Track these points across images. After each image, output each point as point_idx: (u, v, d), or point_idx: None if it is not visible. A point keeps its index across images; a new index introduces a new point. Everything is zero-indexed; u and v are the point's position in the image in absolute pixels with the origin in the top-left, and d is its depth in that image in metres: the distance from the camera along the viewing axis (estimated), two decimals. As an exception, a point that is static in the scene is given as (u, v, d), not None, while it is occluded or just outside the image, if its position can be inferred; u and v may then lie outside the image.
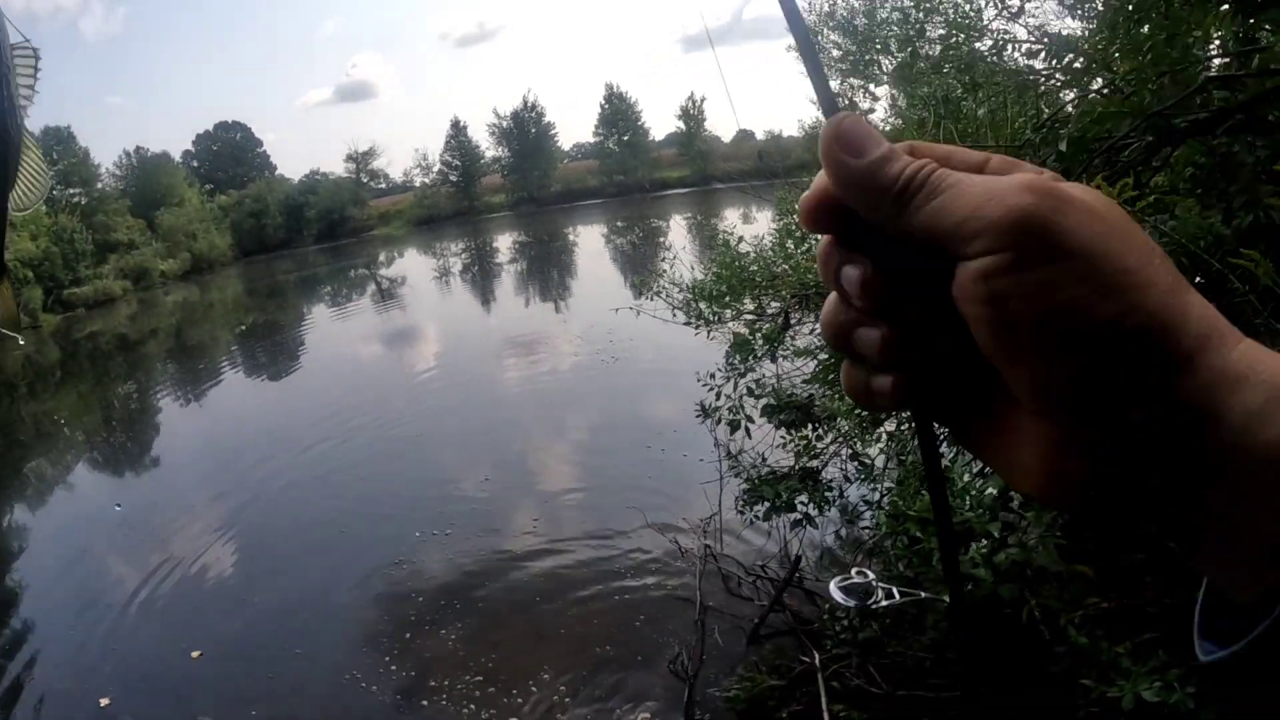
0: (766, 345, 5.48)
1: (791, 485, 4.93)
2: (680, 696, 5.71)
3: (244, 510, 10.31)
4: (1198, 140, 3.43)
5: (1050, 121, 4.15)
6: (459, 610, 7.19)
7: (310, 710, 6.15)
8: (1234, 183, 3.22)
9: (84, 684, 6.71)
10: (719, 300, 6.07)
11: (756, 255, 6.68)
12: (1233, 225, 3.00)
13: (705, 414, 5.34)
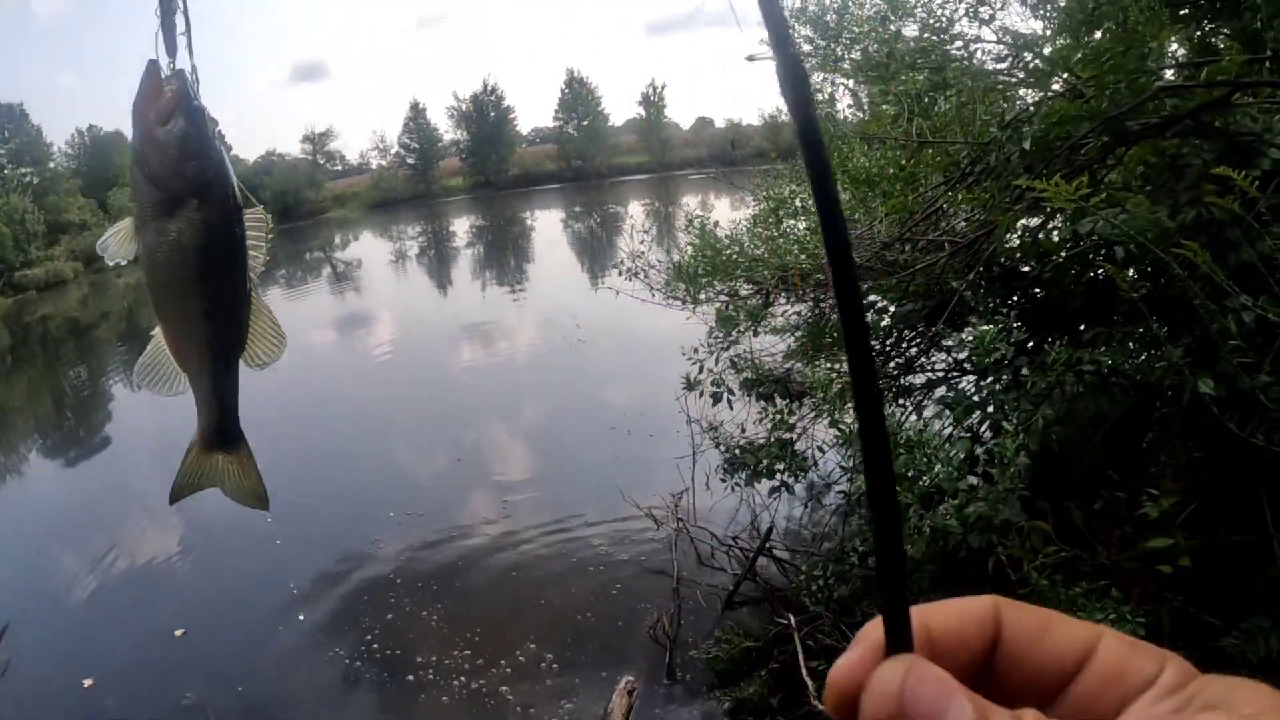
0: (750, 321, 5.66)
1: (770, 453, 5.14)
2: (661, 660, 5.93)
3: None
4: (1149, 142, 3.67)
5: (1015, 121, 4.38)
6: (438, 589, 7.31)
7: (296, 686, 6.23)
8: (1181, 182, 3.45)
9: (66, 667, 6.70)
10: (697, 280, 6.23)
11: (733, 239, 6.84)
12: (1177, 219, 3.23)
13: (690, 386, 5.51)
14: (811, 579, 5.24)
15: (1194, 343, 3.24)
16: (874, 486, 0.43)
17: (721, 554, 6.87)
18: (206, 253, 1.01)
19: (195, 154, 0.99)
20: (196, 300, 1.05)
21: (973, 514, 3.78)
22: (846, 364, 0.43)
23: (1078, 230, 3.62)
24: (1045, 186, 3.36)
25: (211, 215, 1.01)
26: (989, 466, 4.04)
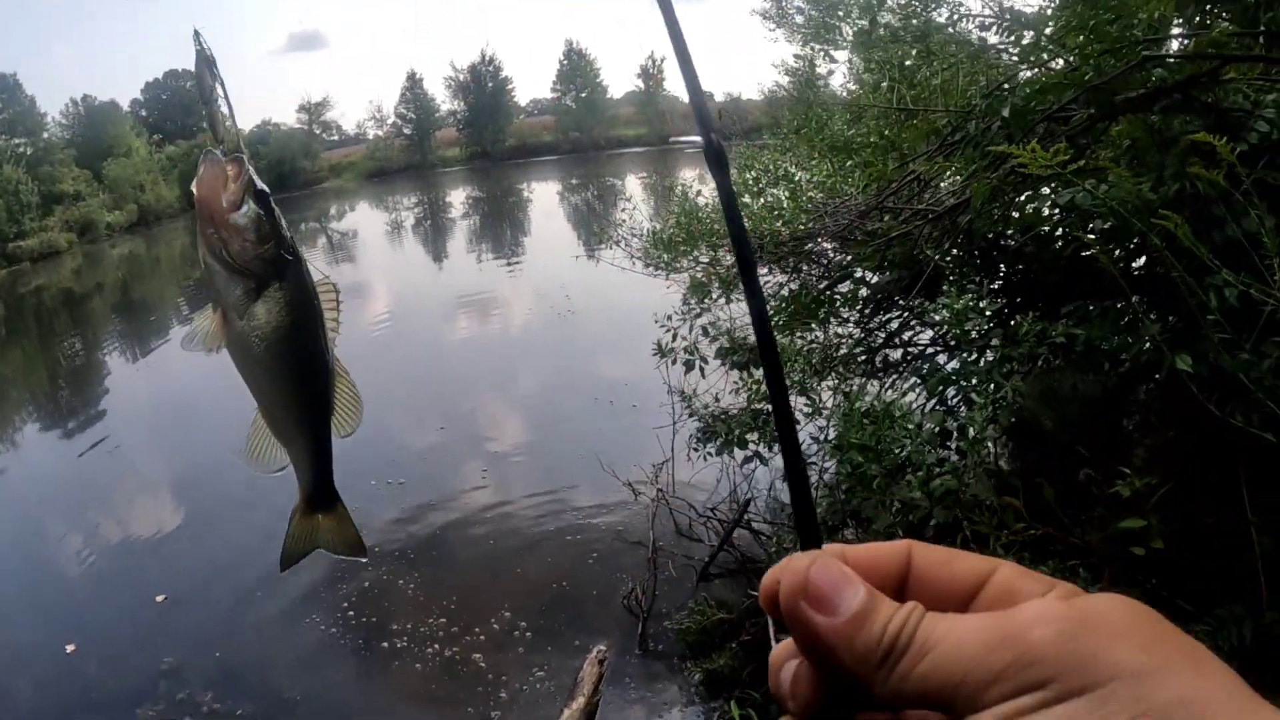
0: (723, 288, 5.63)
1: (743, 422, 5.11)
2: (634, 630, 5.96)
3: (198, 457, 10.29)
4: (1137, 118, 3.59)
5: (998, 90, 4.31)
6: (415, 558, 7.35)
7: (273, 652, 6.28)
8: (1166, 155, 3.38)
9: (49, 633, 6.74)
10: (675, 247, 6.20)
11: (714, 208, 6.80)
12: (1160, 192, 3.16)
13: (661, 353, 5.47)
14: (781, 550, 5.24)
15: (1174, 320, 3.19)
16: (779, 419, 0.55)
17: (700, 525, 6.88)
18: (293, 331, 1.04)
19: (271, 236, 1.01)
20: (290, 378, 1.08)
21: (939, 487, 3.75)
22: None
23: (1057, 202, 3.57)
24: (1020, 153, 3.30)
25: (293, 293, 1.03)
26: (960, 440, 4.02)
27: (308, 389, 1.10)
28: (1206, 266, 2.82)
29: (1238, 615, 2.82)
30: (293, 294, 1.03)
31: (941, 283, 4.55)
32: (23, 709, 5.92)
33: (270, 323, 1.03)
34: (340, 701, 5.72)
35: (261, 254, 1.01)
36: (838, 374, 5.16)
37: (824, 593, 0.45)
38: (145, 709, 5.74)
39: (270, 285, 1.02)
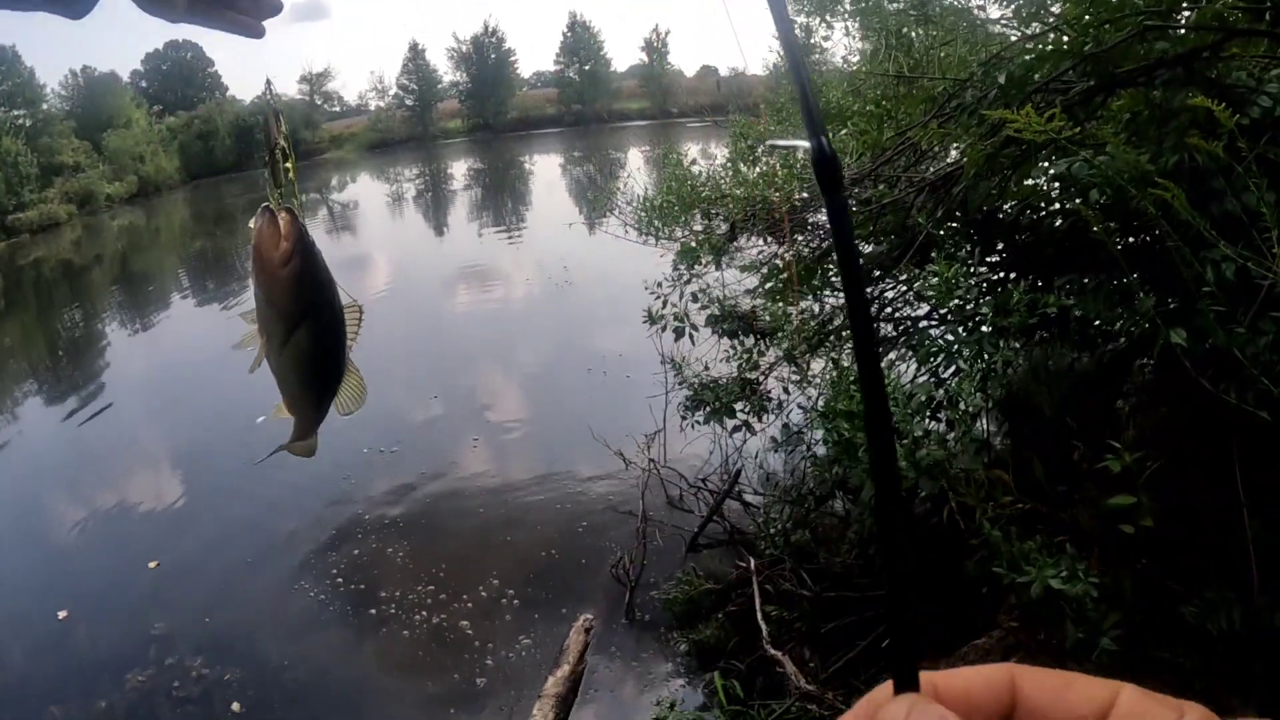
0: (713, 254, 5.55)
1: (731, 390, 5.06)
2: (621, 600, 5.97)
3: (192, 428, 10.30)
4: (1138, 91, 3.51)
5: (995, 59, 4.22)
6: (406, 523, 7.37)
7: (262, 617, 6.30)
8: (1165, 127, 3.30)
9: (41, 600, 6.76)
10: (669, 213, 6.12)
11: (709, 176, 6.73)
12: (1158, 163, 3.10)
13: (651, 320, 5.41)
14: (770, 521, 5.22)
15: (1169, 295, 3.12)
16: (884, 533, 0.49)
17: (690, 496, 6.88)
18: (319, 354, 1.24)
19: (311, 284, 1.17)
20: (311, 383, 1.29)
21: (925, 457, 3.71)
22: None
23: (1053, 171, 3.50)
24: (1015, 118, 3.23)
25: (322, 326, 1.22)
26: (949, 410, 3.98)
27: (322, 389, 1.30)
28: (1203, 241, 2.76)
29: (1227, 599, 2.77)
30: (322, 327, 1.22)
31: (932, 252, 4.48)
32: (13, 674, 5.94)
33: (301, 349, 1.22)
34: (327, 667, 5.73)
35: (300, 298, 1.18)
36: (829, 344, 5.10)
37: None
38: (135, 674, 5.77)
39: (308, 319, 1.20)
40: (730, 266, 5.94)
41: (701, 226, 6.34)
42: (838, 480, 4.40)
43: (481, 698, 5.37)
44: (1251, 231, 2.73)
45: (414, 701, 5.40)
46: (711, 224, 6.32)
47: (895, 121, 5.49)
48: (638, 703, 5.20)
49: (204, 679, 5.68)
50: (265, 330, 1.22)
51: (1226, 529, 2.93)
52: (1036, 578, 2.89)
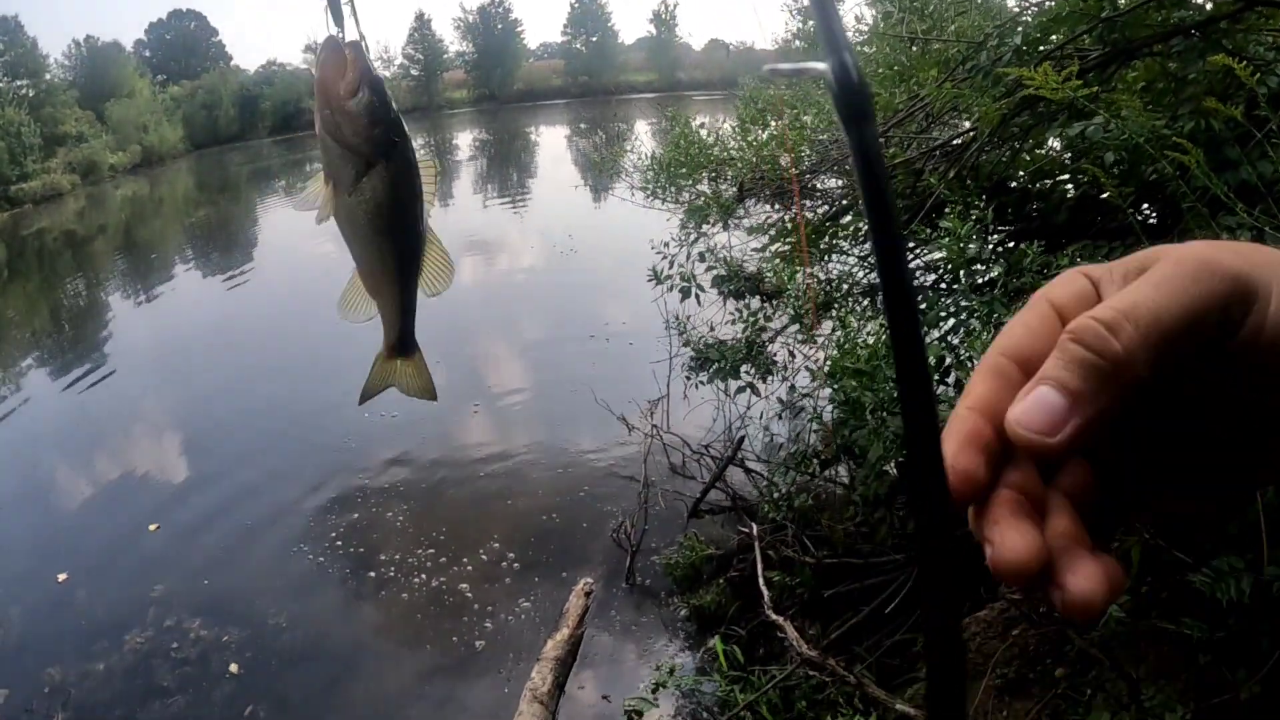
0: (721, 213, 5.45)
1: (737, 351, 4.98)
2: (622, 564, 5.93)
3: (198, 394, 10.26)
4: (1154, 59, 3.42)
5: (1011, 21, 4.11)
6: (406, 488, 7.34)
7: (260, 580, 6.26)
8: (1182, 93, 3.22)
9: (41, 563, 6.75)
10: (676, 174, 6.03)
11: (717, 138, 6.64)
12: (1174, 128, 3.01)
13: (657, 279, 5.33)
14: (772, 486, 5.15)
15: None
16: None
17: (693, 463, 6.83)
18: (394, 205, 1.16)
19: (381, 121, 1.10)
20: (387, 245, 1.22)
21: (934, 418, 3.62)
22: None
23: (1068, 136, 3.42)
24: (1033, 75, 3.14)
25: (396, 172, 1.14)
26: (959, 372, 3.90)
27: (401, 255, 1.23)
28: (1217, 208, 2.70)
29: (1237, 569, 2.69)
30: (396, 173, 1.14)
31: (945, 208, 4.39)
32: (12, 637, 5.93)
33: (374, 198, 1.15)
34: (326, 629, 5.71)
35: (371, 137, 1.10)
36: (837, 305, 5.01)
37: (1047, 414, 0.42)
38: (134, 635, 5.75)
39: (377, 164, 1.12)
40: (738, 229, 5.85)
41: (709, 189, 6.26)
42: (843, 445, 4.31)
43: (480, 660, 5.35)
44: (1268, 200, 2.66)
45: (412, 663, 5.38)
46: (719, 187, 6.24)
47: (908, 85, 5.41)
48: (637, 667, 5.18)
49: (202, 640, 5.66)
50: (332, 175, 1.16)
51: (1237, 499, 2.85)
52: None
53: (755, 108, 7.07)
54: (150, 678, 5.37)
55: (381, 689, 5.17)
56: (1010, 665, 3.75)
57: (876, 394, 3.81)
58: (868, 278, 5.57)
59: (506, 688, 5.02)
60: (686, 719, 4.65)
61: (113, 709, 5.12)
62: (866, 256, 5.61)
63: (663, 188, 6.14)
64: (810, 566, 4.90)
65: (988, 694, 3.70)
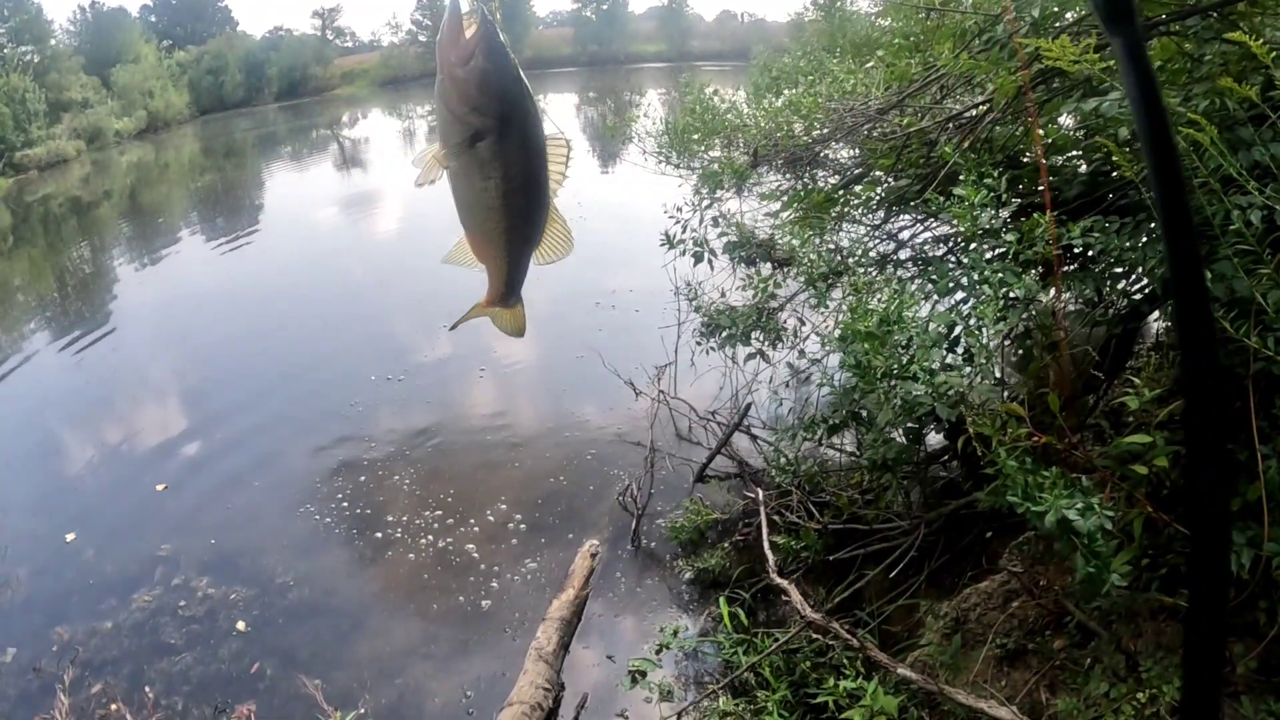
0: (735, 179, 5.41)
1: (748, 317, 4.97)
2: (628, 527, 5.96)
3: (204, 359, 10.28)
4: (1170, 39, 3.36)
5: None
6: (412, 451, 7.35)
7: (266, 538, 6.30)
8: (1196, 72, 3.19)
9: (50, 522, 6.80)
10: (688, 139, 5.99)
11: (730, 105, 6.58)
12: (1188, 106, 2.98)
13: (670, 244, 5.30)
14: (779, 451, 5.15)
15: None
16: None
17: (700, 429, 6.86)
18: (505, 179, 1.11)
19: (493, 92, 1.05)
20: (492, 220, 1.18)
21: (943, 383, 3.63)
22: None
23: (1083, 110, 3.39)
24: (1050, 47, 3.11)
25: (509, 146, 1.09)
26: (969, 337, 3.88)
27: (509, 230, 1.20)
28: (1229, 185, 2.69)
29: (1237, 545, 2.69)
30: (508, 147, 1.09)
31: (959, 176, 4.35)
32: (20, 596, 5.97)
33: (480, 169, 1.10)
34: (332, 587, 5.76)
35: (479, 107, 1.06)
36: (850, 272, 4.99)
37: None
38: (141, 593, 5.80)
39: (487, 136, 1.08)
40: (750, 196, 5.82)
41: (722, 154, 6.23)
42: (852, 411, 4.31)
43: (486, 619, 5.38)
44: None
45: (418, 621, 5.42)
46: (732, 154, 6.21)
47: (923, 56, 5.35)
48: (641, 628, 5.21)
49: (210, 598, 5.71)
50: (443, 139, 1.13)
51: (1242, 475, 2.83)
52: (1052, 506, 2.80)
53: (770, 75, 7.01)
54: (158, 635, 5.42)
55: (387, 647, 5.21)
56: (1009, 636, 3.77)
57: (886, 359, 3.80)
58: (878, 248, 5.55)
59: (512, 647, 5.06)
60: (689, 680, 4.68)
61: (120, 666, 5.16)
62: (878, 226, 5.58)
63: (676, 152, 6.10)
64: (815, 531, 4.91)
65: (987, 663, 3.73)
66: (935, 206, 4.16)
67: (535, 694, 4.42)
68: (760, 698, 3.97)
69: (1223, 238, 2.69)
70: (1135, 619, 3.25)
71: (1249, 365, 2.70)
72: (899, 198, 5.28)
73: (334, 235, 17.28)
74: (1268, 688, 2.70)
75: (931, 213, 4.69)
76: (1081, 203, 3.98)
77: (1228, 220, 2.68)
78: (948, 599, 4.28)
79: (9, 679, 5.13)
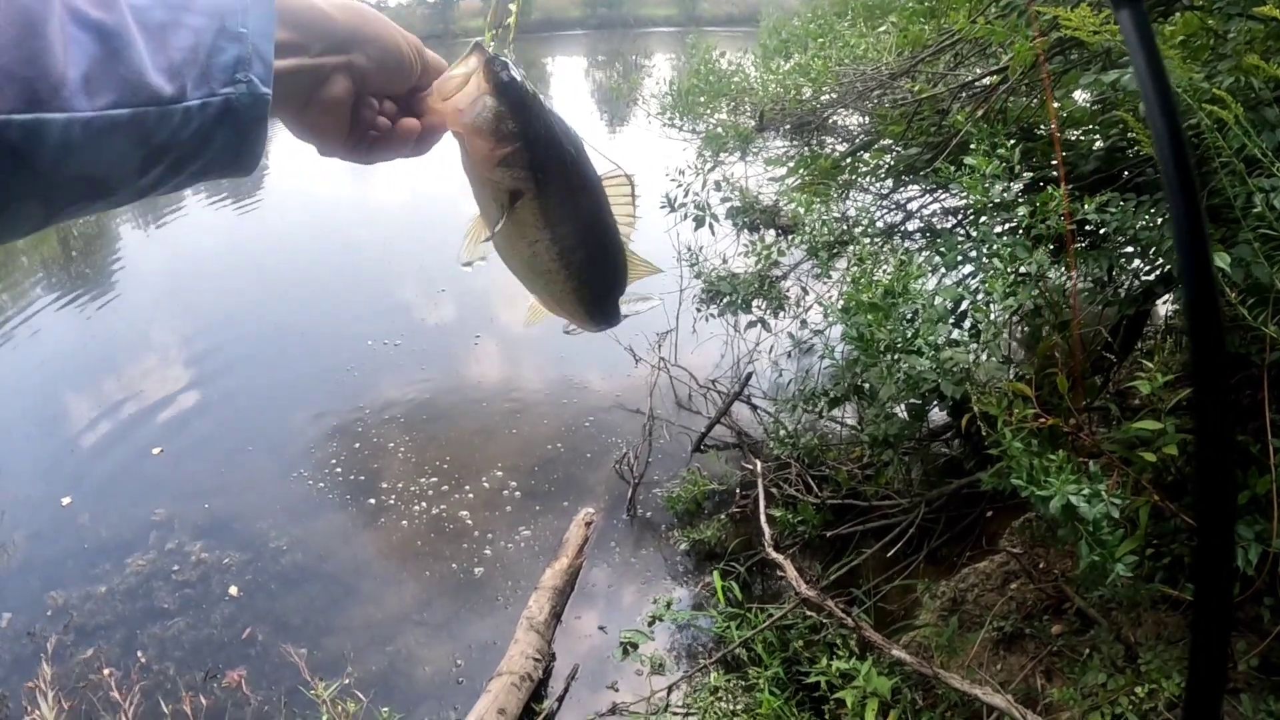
0: (739, 143, 5.28)
1: (749, 284, 4.86)
2: (624, 496, 5.92)
3: (201, 322, 10.21)
4: (1194, 14, 3.28)
5: None
6: (407, 416, 7.29)
7: (262, 503, 6.26)
8: (1221, 48, 3.10)
9: (46, 486, 6.76)
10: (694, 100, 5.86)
11: (737, 68, 6.44)
12: (1212, 83, 2.85)
13: (671, 207, 5.18)
14: (779, 423, 5.07)
15: (1212, 220, 2.90)
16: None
17: (700, 397, 6.81)
18: (555, 239, 0.95)
19: (514, 137, 0.87)
20: (559, 280, 1.01)
21: (948, 359, 3.53)
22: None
23: (1101, 81, 3.26)
24: (1068, 15, 2.99)
25: (551, 197, 0.91)
26: (976, 312, 3.77)
27: (578, 292, 1.03)
28: (1251, 167, 2.57)
29: (1245, 539, 2.61)
30: (549, 201, 0.91)
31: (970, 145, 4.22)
32: (17, 561, 5.95)
33: (520, 233, 0.93)
34: (326, 553, 5.72)
35: (504, 160, 0.87)
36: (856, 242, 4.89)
37: None
38: (136, 558, 5.78)
39: (525, 191, 0.89)
40: (756, 161, 5.69)
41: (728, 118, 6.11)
42: (854, 384, 4.23)
43: (478, 586, 5.35)
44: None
45: (411, 587, 5.40)
46: (738, 118, 6.08)
47: (937, 22, 5.21)
48: (634, 599, 5.18)
49: (203, 563, 5.68)
50: (481, 210, 0.96)
51: (1251, 467, 2.74)
52: (1057, 491, 2.70)
53: (778, 37, 6.85)
54: (151, 600, 5.40)
55: (380, 612, 5.19)
56: (1007, 619, 3.72)
57: (890, 332, 3.70)
58: (886, 218, 5.43)
59: (504, 615, 5.03)
60: (682, 653, 4.66)
61: (113, 631, 5.15)
62: (886, 195, 5.46)
63: (680, 114, 5.97)
64: (813, 506, 4.85)
65: (983, 646, 3.68)
66: (945, 177, 4.05)
67: (525, 664, 4.39)
68: (752, 674, 3.92)
69: (1244, 221, 2.60)
70: (1136, 608, 3.18)
71: (1265, 355, 2.59)
72: (908, 166, 5.16)
73: (338, 198, 17.12)
74: (1269, 686, 2.63)
75: (941, 183, 4.57)
76: (1097, 178, 3.86)
77: (1250, 203, 2.58)
78: (946, 579, 4.23)
79: (4, 644, 5.12)
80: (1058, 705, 3.07)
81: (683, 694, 4.13)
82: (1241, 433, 2.78)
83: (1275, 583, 2.63)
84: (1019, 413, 3.12)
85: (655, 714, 3.94)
